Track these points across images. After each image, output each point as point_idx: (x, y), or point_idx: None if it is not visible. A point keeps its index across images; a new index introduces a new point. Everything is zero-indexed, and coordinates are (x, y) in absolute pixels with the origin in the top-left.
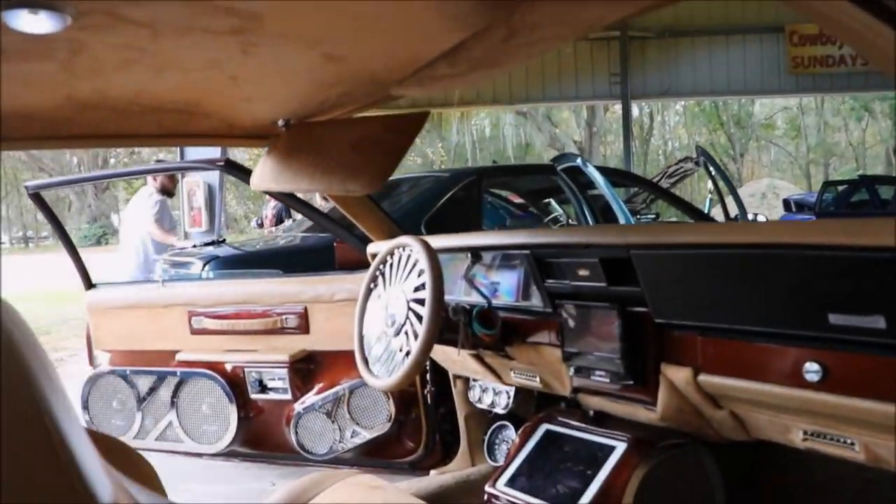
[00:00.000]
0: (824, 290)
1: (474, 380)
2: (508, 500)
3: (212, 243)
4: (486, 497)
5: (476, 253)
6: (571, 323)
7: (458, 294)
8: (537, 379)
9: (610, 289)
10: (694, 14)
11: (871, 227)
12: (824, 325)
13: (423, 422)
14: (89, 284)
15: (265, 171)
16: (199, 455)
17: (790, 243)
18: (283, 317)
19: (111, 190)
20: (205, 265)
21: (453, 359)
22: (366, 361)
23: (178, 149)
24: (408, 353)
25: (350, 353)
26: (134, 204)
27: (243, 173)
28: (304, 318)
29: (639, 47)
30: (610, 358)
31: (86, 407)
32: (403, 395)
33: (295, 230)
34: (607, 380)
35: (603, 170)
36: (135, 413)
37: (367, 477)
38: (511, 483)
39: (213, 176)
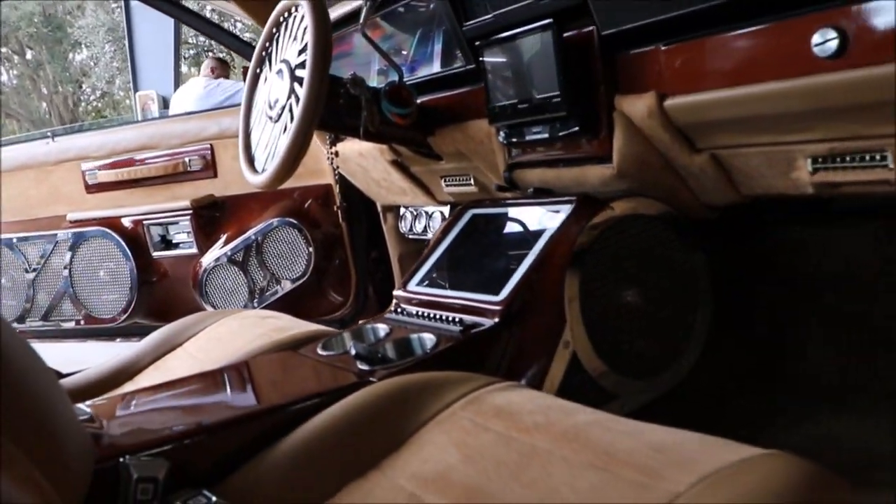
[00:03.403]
0: None
1: (404, 207)
2: (419, 301)
3: None
4: (393, 303)
5: None
6: (497, 70)
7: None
8: (471, 181)
9: (541, 3)
10: None
11: None
12: None
13: (352, 268)
14: None
15: None
16: (98, 336)
17: None
18: (186, 158)
19: None
20: None
21: (376, 179)
22: (250, 161)
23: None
24: None
25: (263, 195)
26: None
27: None
28: (210, 158)
29: None
30: (548, 101)
31: None
32: (326, 238)
33: None
34: (547, 134)
35: None
36: (25, 289)
37: (262, 311)
38: (424, 281)
39: (167, 86)
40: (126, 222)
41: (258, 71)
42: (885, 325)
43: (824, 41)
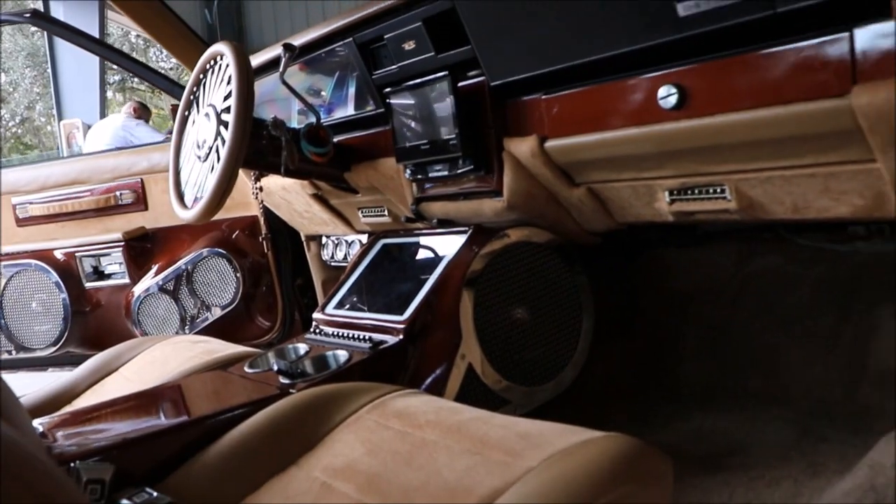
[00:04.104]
0: None
1: (326, 236)
2: (335, 322)
3: None
4: (313, 325)
5: (289, 46)
6: (402, 115)
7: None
8: (385, 212)
9: (438, 57)
10: None
11: None
12: (676, 22)
13: (278, 294)
14: None
15: None
16: (30, 366)
17: None
18: (118, 192)
19: None
20: None
21: (299, 211)
22: (180, 196)
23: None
24: None
25: (193, 227)
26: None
27: (58, 26)
28: (140, 192)
29: None
30: (446, 142)
31: None
32: (253, 267)
33: None
34: (446, 171)
35: None
36: None
37: (193, 336)
38: (340, 305)
39: (93, 114)
40: (58, 254)
41: (186, 113)
42: (745, 333)
43: (668, 95)
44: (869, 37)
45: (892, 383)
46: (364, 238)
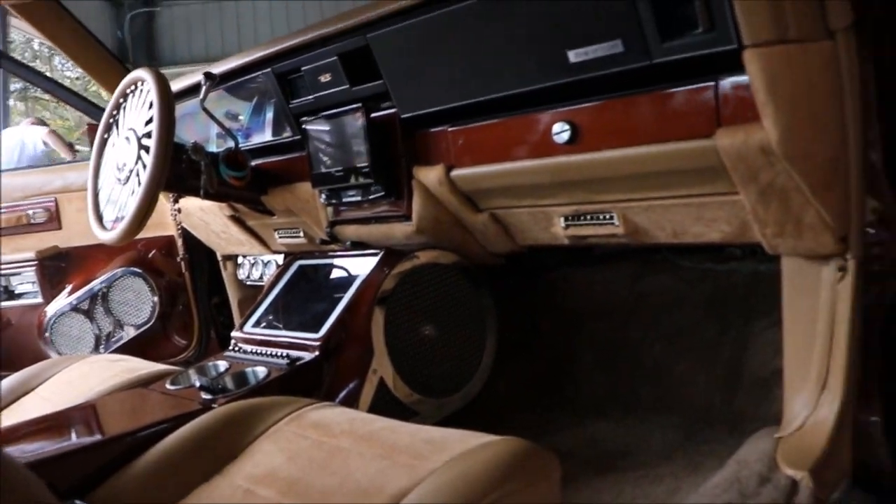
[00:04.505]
0: (557, 24)
1: (243, 256)
2: (254, 340)
3: None
4: (232, 343)
5: (210, 75)
6: (318, 143)
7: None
8: (301, 233)
9: (353, 90)
10: None
11: None
12: (567, 68)
13: (195, 313)
14: None
15: None
16: None
17: None
18: (30, 211)
19: None
20: None
21: (216, 231)
22: (99, 218)
23: None
24: None
25: (109, 246)
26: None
27: None
28: (54, 211)
29: None
30: (359, 170)
31: None
32: (170, 286)
33: None
34: (359, 196)
35: None
36: None
37: (112, 355)
38: (258, 323)
39: None
40: None
41: (106, 136)
42: (637, 348)
43: (561, 131)
44: (730, 87)
45: (763, 390)
46: (280, 258)
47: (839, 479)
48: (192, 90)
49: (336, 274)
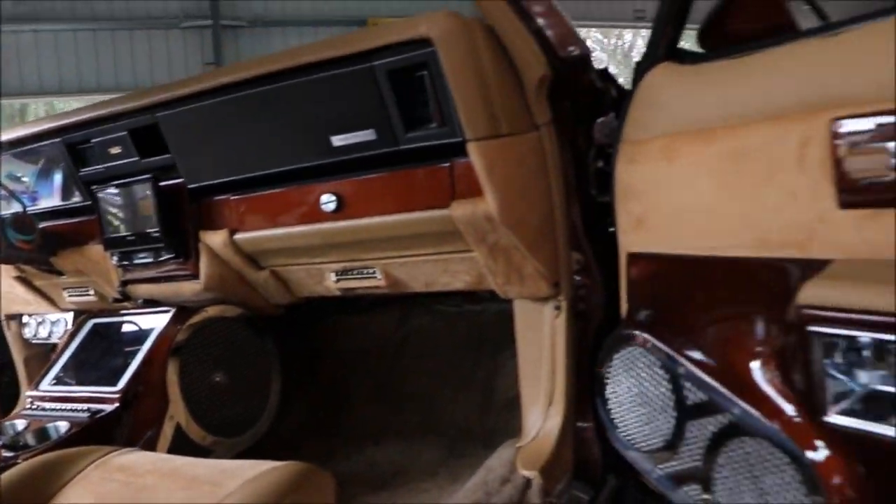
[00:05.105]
0: (320, 114)
1: (28, 315)
2: (52, 398)
3: None
4: (27, 401)
5: None
6: (109, 209)
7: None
8: (91, 292)
9: (142, 162)
10: (285, 5)
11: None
12: (331, 149)
13: None
14: None
15: None
16: None
17: (284, 69)
18: None
19: None
20: None
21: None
22: None
23: None
24: None
25: None
26: None
27: None
28: None
29: (232, 36)
30: (149, 234)
31: None
32: None
33: None
34: (150, 258)
35: None
36: None
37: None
38: (56, 381)
39: None
40: None
41: None
42: (405, 380)
43: (328, 202)
44: (463, 167)
45: (511, 409)
46: (69, 316)
47: (563, 475)
48: None
49: (130, 329)
